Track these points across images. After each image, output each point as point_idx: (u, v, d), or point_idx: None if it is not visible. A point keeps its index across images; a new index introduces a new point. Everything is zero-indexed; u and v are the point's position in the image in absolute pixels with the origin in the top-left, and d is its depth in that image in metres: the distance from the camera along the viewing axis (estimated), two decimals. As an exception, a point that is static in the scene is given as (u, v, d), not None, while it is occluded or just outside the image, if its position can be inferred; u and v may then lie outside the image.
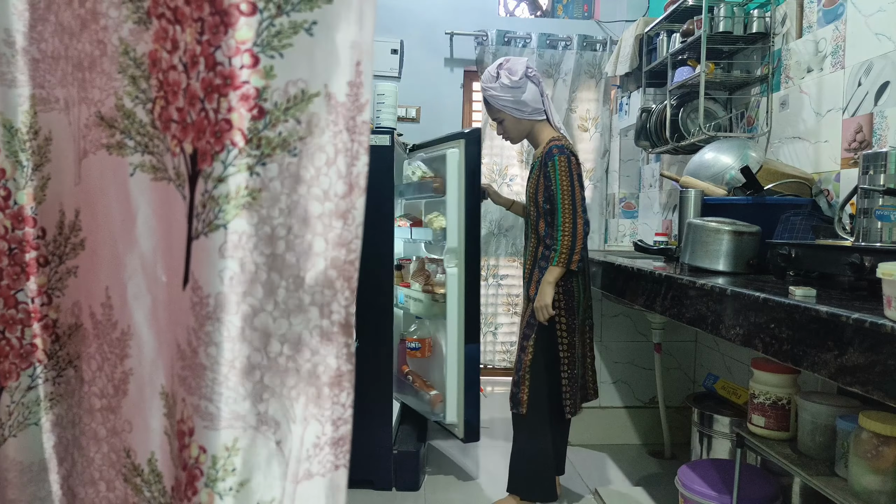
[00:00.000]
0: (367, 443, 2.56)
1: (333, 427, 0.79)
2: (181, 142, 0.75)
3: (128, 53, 0.80)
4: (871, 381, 1.07)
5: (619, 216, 4.10)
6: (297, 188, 0.73)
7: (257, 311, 0.74)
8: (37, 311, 0.91)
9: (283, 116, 0.72)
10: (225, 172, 0.71)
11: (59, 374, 0.93)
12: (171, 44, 0.74)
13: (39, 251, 0.91)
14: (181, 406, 0.77)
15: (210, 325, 0.72)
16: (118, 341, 0.87)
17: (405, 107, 4.06)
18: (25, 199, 0.89)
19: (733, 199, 2.13)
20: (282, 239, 0.73)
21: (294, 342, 0.75)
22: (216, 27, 0.70)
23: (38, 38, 0.88)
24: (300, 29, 0.71)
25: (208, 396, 0.73)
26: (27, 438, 0.92)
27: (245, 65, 0.70)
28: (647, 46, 3.31)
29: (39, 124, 0.89)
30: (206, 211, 0.72)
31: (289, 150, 0.72)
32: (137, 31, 0.79)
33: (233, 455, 0.74)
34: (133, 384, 0.86)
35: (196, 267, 0.74)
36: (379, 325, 2.60)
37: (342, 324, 0.77)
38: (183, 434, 0.76)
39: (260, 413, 0.75)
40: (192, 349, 0.74)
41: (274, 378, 0.75)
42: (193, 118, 0.73)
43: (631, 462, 2.92)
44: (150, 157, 0.80)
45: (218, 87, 0.70)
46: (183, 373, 0.76)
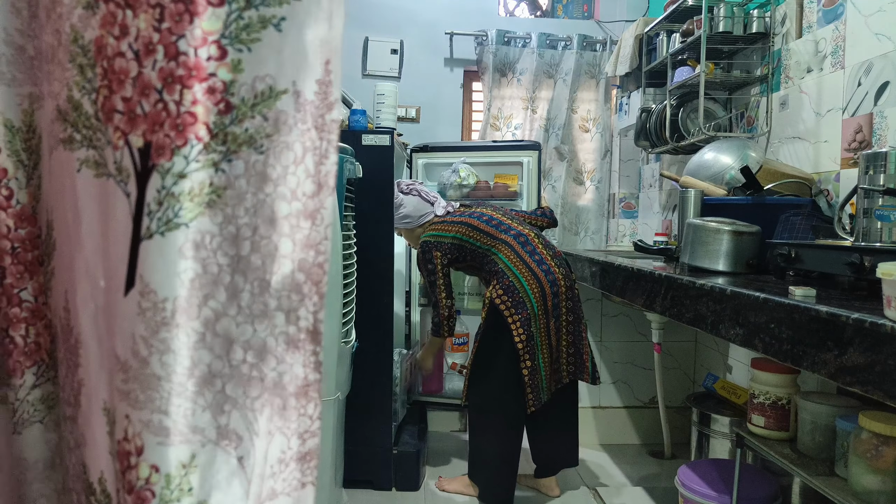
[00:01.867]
0: (368, 443, 2.56)
1: (300, 441, 0.74)
2: (126, 134, 0.70)
3: (77, 41, 0.75)
4: (871, 380, 1.07)
5: (619, 216, 4.10)
6: (264, 187, 0.69)
7: (220, 316, 0.69)
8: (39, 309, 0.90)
9: (251, 112, 0.69)
10: (187, 168, 0.67)
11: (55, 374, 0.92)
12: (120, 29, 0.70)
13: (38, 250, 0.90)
14: (123, 423, 0.71)
15: (166, 332, 0.67)
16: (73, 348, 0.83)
17: (405, 107, 4.07)
18: (27, 199, 0.89)
19: (733, 199, 2.13)
20: (247, 239, 0.69)
21: (258, 349, 0.70)
22: (179, 15, 0.66)
23: (33, 35, 0.86)
24: (269, 24, 0.68)
25: (163, 409, 0.67)
26: (32, 436, 0.92)
27: (212, 56, 0.67)
28: (646, 46, 3.32)
29: (35, 122, 0.88)
30: (163, 209, 0.67)
31: (255, 147, 0.69)
32: (86, 16, 0.74)
33: (190, 472, 0.68)
34: (84, 396, 0.81)
35: (147, 270, 0.68)
36: (379, 326, 2.60)
37: (310, 330, 0.72)
38: (128, 454, 0.70)
39: (220, 426, 0.70)
40: (141, 360, 0.68)
41: (237, 388, 0.70)
42: (146, 109, 0.68)
43: (631, 462, 2.92)
44: (94, 152, 0.75)
45: (180, 78, 0.67)
46: (126, 386, 0.70)
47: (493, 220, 2.50)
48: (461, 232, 2.48)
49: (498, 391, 2.35)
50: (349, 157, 2.15)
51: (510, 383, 2.32)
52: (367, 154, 2.51)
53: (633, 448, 3.09)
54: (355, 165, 2.23)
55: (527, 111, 4.13)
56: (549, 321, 2.37)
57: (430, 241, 2.51)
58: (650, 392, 3.12)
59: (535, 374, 2.33)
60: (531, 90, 4.11)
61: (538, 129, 4.14)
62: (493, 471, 2.40)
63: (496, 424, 2.37)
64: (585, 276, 2.72)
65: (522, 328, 2.31)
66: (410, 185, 2.68)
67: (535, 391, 2.32)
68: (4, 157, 0.87)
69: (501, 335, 2.33)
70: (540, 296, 2.35)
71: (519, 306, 2.32)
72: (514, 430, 2.38)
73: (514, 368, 2.31)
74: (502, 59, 4.09)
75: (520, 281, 2.35)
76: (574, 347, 2.45)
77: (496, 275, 2.38)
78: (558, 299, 2.39)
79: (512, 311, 2.32)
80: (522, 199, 3.42)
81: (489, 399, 2.36)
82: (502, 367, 2.33)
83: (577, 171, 4.19)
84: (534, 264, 2.38)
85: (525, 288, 2.34)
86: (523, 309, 2.32)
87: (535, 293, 2.35)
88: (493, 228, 2.47)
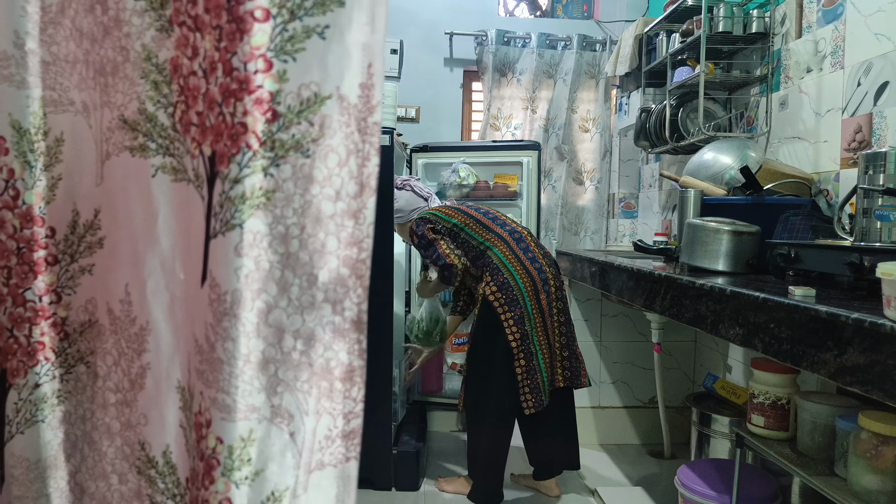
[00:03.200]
0: (367, 443, 2.54)
1: (345, 420, 0.81)
2: (200, 144, 0.77)
3: (150, 59, 0.83)
4: (871, 380, 1.08)
5: (619, 216, 4.11)
6: (310, 188, 0.74)
7: (272, 308, 0.76)
8: (45, 309, 0.92)
9: (296, 119, 0.74)
10: (240, 174, 0.73)
11: (67, 371, 0.95)
12: (192, 50, 0.77)
13: (48, 250, 0.92)
14: (199, 399, 0.79)
15: (227, 321, 0.74)
16: (136, 336, 0.90)
17: (405, 107, 4.07)
18: (34, 199, 0.90)
19: (733, 199, 2.13)
20: (295, 238, 0.75)
21: (307, 338, 0.77)
22: (233, 34, 0.72)
23: (49, 41, 0.89)
24: (313, 33, 0.72)
25: (225, 389, 0.75)
26: (34, 435, 0.93)
27: (259, 69, 0.72)
28: (646, 46, 3.32)
29: (49, 125, 0.90)
30: (224, 211, 0.74)
31: (302, 151, 0.74)
32: (160, 38, 0.82)
33: (248, 445, 0.76)
34: (150, 378, 0.89)
35: (213, 265, 0.76)
36: (379, 326, 2.60)
37: (354, 320, 0.79)
38: (200, 426, 0.79)
39: (274, 405, 0.77)
40: (210, 344, 0.76)
41: (288, 372, 0.77)
42: (212, 121, 0.75)
43: (631, 462, 2.92)
44: (171, 160, 0.83)
45: (234, 92, 0.73)
46: (201, 367, 0.78)
47: (489, 213, 2.51)
48: (459, 220, 2.48)
49: (491, 390, 2.34)
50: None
51: (503, 382, 2.31)
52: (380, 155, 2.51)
53: (632, 448, 3.10)
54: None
55: (526, 111, 4.13)
56: (546, 320, 2.37)
57: (426, 216, 2.51)
58: (650, 392, 3.12)
59: (532, 375, 2.31)
60: (531, 90, 4.11)
61: (538, 129, 4.14)
62: (483, 469, 2.40)
63: (488, 423, 2.36)
64: (585, 276, 2.72)
65: (516, 326, 2.31)
66: (405, 181, 2.70)
67: (534, 392, 2.31)
68: (11, 158, 0.88)
69: (495, 333, 2.32)
70: (533, 294, 2.35)
71: (513, 304, 2.32)
72: (504, 429, 2.37)
73: (507, 367, 2.30)
74: (502, 59, 4.09)
75: (514, 278, 2.35)
76: (568, 350, 2.45)
77: (490, 270, 2.37)
78: (550, 299, 2.39)
79: (505, 308, 2.32)
80: (522, 199, 3.43)
81: (482, 398, 2.36)
82: (496, 366, 2.32)
83: (577, 172, 4.19)
84: (527, 262, 2.38)
85: (519, 285, 2.34)
86: (517, 307, 2.32)
87: (529, 291, 2.34)
88: (490, 221, 2.48)
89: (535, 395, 2.31)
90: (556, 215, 4.13)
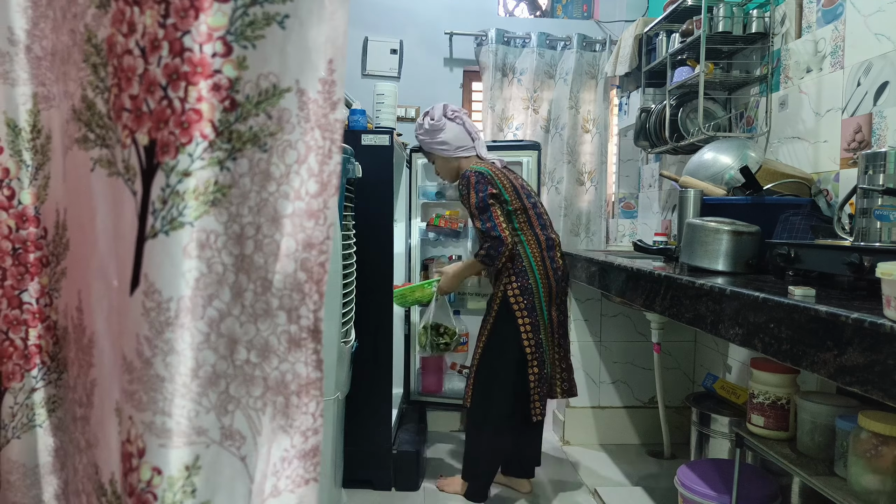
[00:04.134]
0: (367, 443, 2.56)
1: (303, 438, 0.74)
2: (133, 132, 0.70)
3: (90, 40, 0.75)
4: (871, 380, 1.08)
5: (619, 216, 4.10)
6: (267, 185, 0.69)
7: (224, 316, 0.69)
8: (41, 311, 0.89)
9: (255, 110, 0.68)
10: (192, 166, 0.66)
11: (59, 376, 0.92)
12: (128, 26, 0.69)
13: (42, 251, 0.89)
14: (127, 424, 0.70)
15: (170, 332, 0.66)
16: (87, 348, 0.83)
17: (404, 107, 4.06)
18: (29, 199, 0.88)
19: (732, 199, 2.13)
20: (251, 238, 0.69)
21: (261, 349, 0.71)
22: (184, 11, 0.65)
23: (41, 35, 0.86)
24: (273, 21, 0.67)
25: (166, 411, 0.67)
26: (30, 441, 0.90)
27: (217, 53, 0.66)
28: (646, 46, 3.32)
29: (42, 123, 0.87)
30: (167, 207, 0.67)
31: (259, 145, 0.69)
32: (98, 15, 0.74)
33: (193, 475, 0.68)
34: (97, 396, 0.81)
35: (151, 269, 0.68)
36: (379, 325, 2.60)
37: (311, 329, 0.73)
38: (130, 456, 0.70)
39: (224, 426, 0.69)
40: (145, 360, 0.68)
41: (240, 388, 0.70)
42: (151, 107, 0.68)
43: (630, 462, 2.92)
44: (106, 151, 0.75)
45: (185, 75, 0.66)
46: (131, 387, 0.70)
47: (537, 207, 2.45)
48: (512, 201, 2.36)
49: (502, 395, 2.32)
50: (349, 156, 2.15)
51: (515, 388, 2.31)
52: (366, 154, 2.51)
53: (632, 448, 3.09)
54: (355, 165, 2.23)
55: (527, 111, 4.13)
56: (554, 331, 2.40)
57: (487, 175, 2.35)
58: (650, 392, 3.12)
59: (544, 384, 2.33)
60: (532, 90, 4.11)
61: (540, 129, 4.14)
62: (485, 470, 2.41)
63: (494, 428, 2.36)
64: (585, 276, 2.72)
65: (532, 333, 2.30)
66: (455, 113, 2.50)
67: (543, 401, 2.34)
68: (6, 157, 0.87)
69: (510, 337, 2.31)
70: (549, 303, 2.36)
71: (531, 310, 2.31)
72: (509, 434, 2.38)
73: (521, 374, 2.30)
74: (502, 59, 4.09)
75: (538, 284, 2.33)
76: (565, 362, 2.47)
77: (516, 269, 2.33)
78: (558, 311, 2.41)
79: (524, 313, 2.30)
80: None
81: (492, 402, 2.34)
82: (511, 372, 2.31)
83: (579, 172, 4.19)
84: (550, 270, 2.36)
85: (540, 292, 2.33)
86: (534, 314, 2.32)
87: (547, 300, 2.35)
88: (536, 217, 2.41)
89: (542, 403, 2.34)
90: (560, 217, 4.12)
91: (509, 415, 2.33)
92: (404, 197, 3.26)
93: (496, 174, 2.37)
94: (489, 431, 2.36)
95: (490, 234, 2.27)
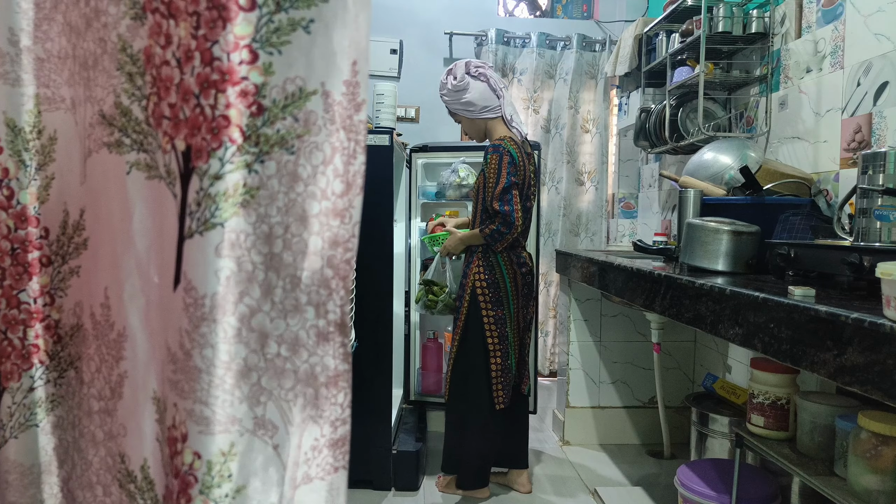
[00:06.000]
0: (366, 443, 2.56)
1: (332, 428, 0.77)
2: (172, 138, 0.74)
3: (125, 50, 0.79)
4: (870, 380, 1.07)
5: (619, 216, 4.10)
6: (295, 186, 0.72)
7: (254, 312, 0.72)
8: (39, 311, 0.90)
9: (282, 114, 0.71)
10: (222, 170, 0.70)
11: (60, 375, 0.92)
12: (165, 38, 0.73)
13: (42, 251, 0.90)
14: (172, 411, 0.75)
15: (205, 327, 0.70)
16: (115, 343, 0.86)
17: (404, 107, 4.07)
18: (28, 199, 0.89)
19: (732, 199, 2.13)
20: (279, 238, 0.72)
21: (291, 343, 0.74)
22: (213, 22, 0.69)
23: (44, 38, 0.87)
24: (298, 26, 0.70)
25: (204, 400, 0.71)
26: (28, 440, 0.91)
27: (244, 60, 0.69)
28: (646, 46, 3.32)
29: (44, 123, 0.88)
30: (202, 209, 0.71)
31: (286, 147, 0.71)
32: (134, 26, 0.78)
33: (229, 460, 0.72)
34: (128, 387, 0.84)
35: (189, 267, 0.72)
36: (378, 325, 2.60)
37: (338, 323, 0.76)
38: (175, 440, 0.74)
39: (257, 416, 0.73)
40: (186, 352, 0.72)
41: (271, 380, 0.73)
42: (187, 114, 0.72)
43: (630, 462, 2.92)
44: (145, 156, 0.79)
45: (215, 83, 0.69)
46: (175, 377, 0.74)
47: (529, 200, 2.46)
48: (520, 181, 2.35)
49: (475, 386, 2.37)
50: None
51: (487, 379, 2.37)
52: (366, 154, 2.50)
53: (632, 448, 3.09)
54: (355, 165, 2.22)
55: (527, 111, 4.13)
56: (519, 323, 2.44)
57: (514, 157, 2.33)
58: (649, 392, 3.12)
59: (506, 373, 2.38)
60: (532, 90, 4.11)
61: (539, 129, 4.14)
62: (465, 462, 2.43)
63: (470, 418, 2.39)
64: (585, 276, 2.72)
65: (496, 326, 2.35)
66: (479, 69, 2.41)
67: (505, 389, 2.38)
68: (6, 157, 0.87)
69: (479, 327, 2.36)
70: (516, 297, 2.41)
71: (497, 304, 2.36)
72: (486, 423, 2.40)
73: (485, 365, 2.37)
74: (502, 59, 4.09)
75: (504, 279, 2.37)
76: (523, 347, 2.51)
77: (484, 259, 2.37)
78: (526, 303, 2.46)
79: (489, 305, 2.35)
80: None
81: (466, 394, 2.39)
82: (482, 362, 2.37)
83: (578, 172, 4.19)
84: (515, 265, 2.40)
85: (507, 287, 2.38)
86: (500, 307, 2.37)
87: (514, 294, 2.39)
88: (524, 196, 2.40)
89: (506, 393, 2.38)
90: (559, 217, 4.12)
91: (483, 404, 2.37)
92: (404, 197, 3.26)
93: (519, 167, 2.36)
94: (464, 421, 2.40)
95: (505, 217, 2.28)
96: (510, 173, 2.29)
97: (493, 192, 2.29)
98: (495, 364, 2.35)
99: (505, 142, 2.34)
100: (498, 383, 2.36)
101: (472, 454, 2.42)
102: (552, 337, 4.23)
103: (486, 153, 2.34)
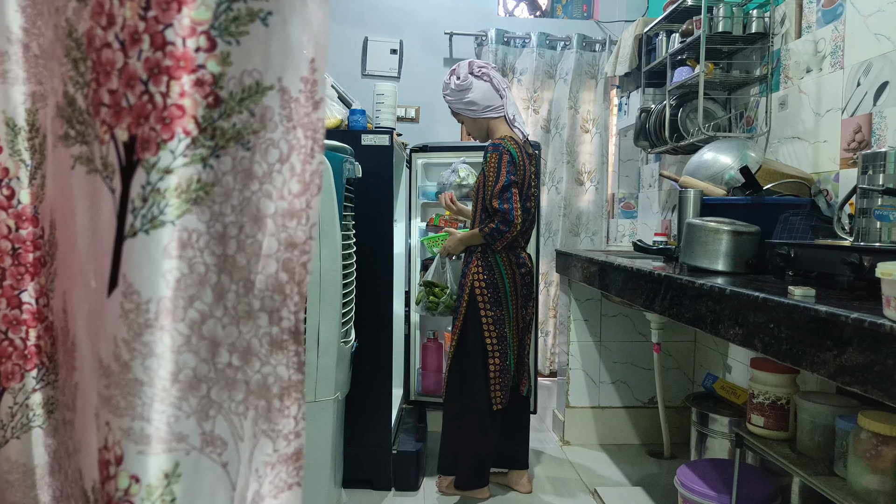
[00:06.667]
0: (366, 443, 2.56)
1: (286, 442, 0.73)
2: (112, 128, 0.68)
3: (71, 35, 0.73)
4: (870, 380, 1.08)
5: (619, 216, 4.10)
6: (250, 184, 0.68)
7: (206, 318, 0.67)
8: (40, 311, 0.88)
9: (238, 107, 0.67)
10: (174, 163, 0.65)
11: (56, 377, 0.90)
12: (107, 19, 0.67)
13: (41, 251, 0.88)
14: (105, 431, 0.68)
15: (149, 335, 0.64)
16: (70, 351, 0.81)
17: (404, 107, 4.07)
18: (28, 199, 0.87)
19: (732, 199, 2.13)
20: (233, 238, 0.68)
21: (243, 351, 0.69)
22: (167, 3, 0.64)
23: (38, 34, 0.85)
24: (256, 17, 0.66)
25: (145, 416, 0.65)
26: (30, 441, 0.89)
27: (201, 47, 0.65)
28: (646, 46, 3.32)
29: (40, 122, 0.87)
30: (148, 205, 0.65)
31: (242, 143, 0.67)
32: (79, 8, 0.72)
33: (172, 483, 0.65)
34: (80, 400, 0.79)
35: (130, 269, 0.65)
36: (378, 325, 2.60)
37: (292, 331, 0.71)
38: (107, 463, 0.67)
39: (205, 432, 0.67)
40: (123, 364, 0.65)
41: (221, 392, 0.68)
42: (131, 102, 0.66)
43: (630, 462, 2.92)
44: (85, 148, 0.73)
45: (167, 69, 0.64)
46: (108, 392, 0.67)
47: (530, 199, 2.46)
48: (520, 180, 2.36)
49: (472, 386, 2.38)
50: (348, 156, 2.15)
51: (485, 379, 2.37)
52: (366, 154, 2.51)
53: (632, 448, 3.09)
54: (354, 165, 2.23)
55: (527, 111, 4.13)
56: (519, 324, 2.44)
57: (515, 157, 2.33)
58: (649, 392, 3.12)
59: (504, 374, 2.38)
60: (532, 90, 4.11)
61: (539, 129, 4.14)
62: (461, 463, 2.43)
63: (467, 418, 2.39)
64: (585, 276, 2.72)
65: (495, 326, 2.35)
66: (482, 69, 2.42)
67: (503, 390, 2.38)
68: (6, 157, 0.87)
69: (478, 328, 2.36)
70: (515, 298, 2.41)
71: (496, 304, 2.36)
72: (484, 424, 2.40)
73: (486, 364, 2.36)
74: (502, 59, 4.09)
75: (504, 280, 2.37)
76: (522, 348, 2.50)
77: (483, 259, 2.37)
78: (525, 304, 2.46)
79: (487, 306, 2.35)
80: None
81: (463, 393, 2.39)
82: (480, 363, 2.37)
83: (578, 172, 4.19)
84: (515, 265, 2.39)
85: (507, 287, 2.37)
86: (499, 307, 2.36)
87: (513, 295, 2.39)
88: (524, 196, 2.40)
89: (504, 393, 2.38)
90: (559, 217, 4.12)
91: (480, 404, 2.37)
92: (404, 197, 3.26)
93: (519, 167, 2.36)
94: (461, 420, 2.40)
95: (504, 215, 2.28)
96: (509, 172, 2.29)
97: (492, 190, 2.30)
98: (493, 364, 2.35)
99: (505, 141, 2.35)
100: (496, 384, 2.36)
101: (469, 454, 2.41)
102: (552, 337, 4.23)
103: (486, 152, 2.35)
